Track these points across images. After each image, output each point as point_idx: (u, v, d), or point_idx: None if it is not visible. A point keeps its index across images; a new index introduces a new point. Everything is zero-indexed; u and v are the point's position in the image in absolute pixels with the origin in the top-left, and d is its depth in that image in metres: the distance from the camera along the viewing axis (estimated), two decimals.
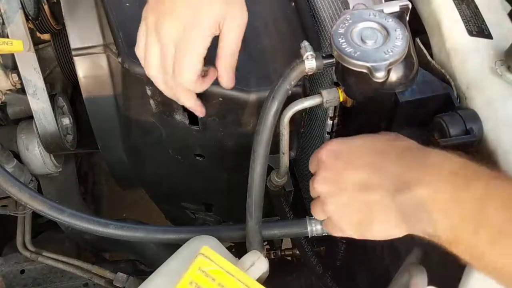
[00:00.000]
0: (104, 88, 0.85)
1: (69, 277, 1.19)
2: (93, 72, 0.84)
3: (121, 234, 0.76)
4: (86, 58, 0.83)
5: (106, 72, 0.84)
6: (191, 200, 1.11)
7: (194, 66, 0.65)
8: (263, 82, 0.75)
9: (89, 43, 0.83)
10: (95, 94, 0.86)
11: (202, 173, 0.95)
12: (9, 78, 0.86)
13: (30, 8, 0.84)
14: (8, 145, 0.95)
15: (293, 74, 0.66)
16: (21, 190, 0.76)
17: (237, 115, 0.78)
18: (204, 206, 1.11)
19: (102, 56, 0.83)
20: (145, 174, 1.03)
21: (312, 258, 0.98)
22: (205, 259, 0.58)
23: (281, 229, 0.76)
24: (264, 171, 0.70)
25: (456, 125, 0.66)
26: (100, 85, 0.85)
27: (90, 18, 0.83)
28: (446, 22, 0.74)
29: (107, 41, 0.82)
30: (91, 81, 0.84)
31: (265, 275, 0.65)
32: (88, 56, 0.83)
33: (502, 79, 0.68)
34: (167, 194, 1.11)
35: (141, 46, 0.68)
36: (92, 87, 0.85)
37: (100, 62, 0.83)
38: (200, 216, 1.16)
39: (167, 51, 0.65)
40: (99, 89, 0.85)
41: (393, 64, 0.61)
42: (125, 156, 0.96)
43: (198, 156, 0.90)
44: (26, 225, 1.17)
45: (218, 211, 1.11)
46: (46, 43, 0.97)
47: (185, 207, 1.14)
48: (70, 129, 0.96)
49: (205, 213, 1.14)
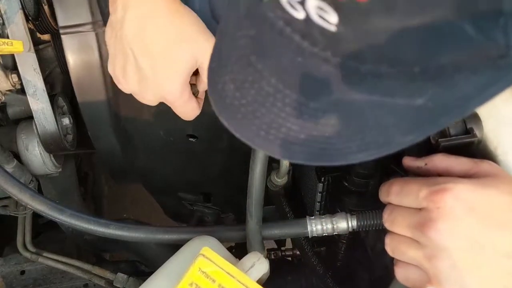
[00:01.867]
0: (93, 68, 0.82)
1: (69, 277, 1.19)
2: (82, 51, 0.81)
3: (121, 235, 0.76)
4: (74, 36, 0.80)
5: (95, 51, 0.81)
6: (188, 189, 1.10)
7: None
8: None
9: (77, 20, 0.79)
10: (84, 76, 0.82)
11: (197, 157, 0.94)
12: (9, 78, 0.86)
13: (30, 9, 0.84)
14: (8, 146, 0.95)
15: None
16: (22, 191, 0.76)
17: None
18: (201, 196, 1.10)
19: (91, 34, 0.80)
20: (139, 162, 1.00)
21: (313, 258, 0.98)
22: (205, 260, 0.58)
23: (281, 229, 0.76)
24: (264, 171, 0.70)
25: (456, 125, 0.66)
26: (88, 65, 0.82)
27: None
28: None
29: (96, 18, 0.79)
30: (79, 62, 0.82)
31: (266, 276, 0.65)
32: (76, 35, 0.80)
33: None
34: (162, 184, 1.10)
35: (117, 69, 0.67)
36: (80, 68, 0.82)
37: (89, 40, 0.80)
38: (199, 208, 1.14)
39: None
40: (87, 70, 0.82)
41: None
42: (117, 144, 0.94)
43: (191, 137, 0.88)
44: (26, 225, 1.17)
45: (217, 201, 1.10)
46: (46, 43, 0.97)
47: (182, 198, 1.12)
48: (70, 129, 0.95)
49: (204, 204, 1.12)
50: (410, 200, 0.56)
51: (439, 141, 0.66)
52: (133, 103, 0.82)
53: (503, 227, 0.51)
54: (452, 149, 0.66)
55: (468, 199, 0.52)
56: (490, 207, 0.52)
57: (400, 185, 0.58)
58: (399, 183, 0.58)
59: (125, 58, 0.63)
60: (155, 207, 1.29)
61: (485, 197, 0.53)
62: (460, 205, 0.52)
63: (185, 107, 0.68)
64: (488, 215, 0.52)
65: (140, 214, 1.61)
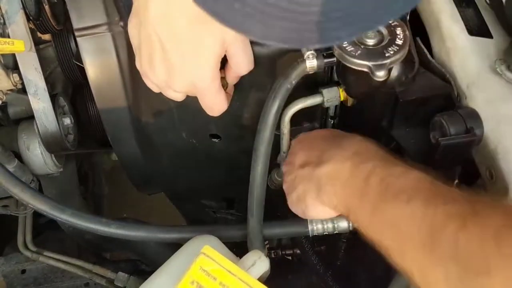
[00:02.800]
0: (111, 71, 0.79)
1: (70, 276, 1.20)
2: (99, 54, 0.78)
3: (122, 233, 0.76)
4: (90, 39, 0.77)
5: (112, 53, 0.78)
6: (211, 195, 1.08)
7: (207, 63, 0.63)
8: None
9: (92, 22, 0.77)
10: (102, 79, 0.80)
11: (220, 160, 0.92)
12: (10, 78, 0.86)
13: (31, 8, 0.84)
14: (9, 145, 0.95)
15: (294, 73, 0.66)
16: (23, 190, 0.76)
17: (253, 76, 0.73)
18: (225, 202, 1.09)
19: (108, 36, 0.77)
20: (161, 167, 0.97)
21: (313, 257, 0.98)
22: (206, 258, 0.58)
23: (282, 228, 0.76)
24: (266, 170, 0.70)
25: (456, 124, 0.66)
26: (106, 68, 0.79)
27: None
28: (446, 22, 0.74)
29: (111, 18, 0.77)
30: (97, 65, 0.79)
31: (266, 274, 0.65)
32: (92, 37, 0.77)
33: (502, 78, 0.68)
34: (186, 190, 1.07)
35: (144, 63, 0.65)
36: (99, 72, 0.79)
37: (105, 43, 0.78)
38: (222, 215, 1.13)
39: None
40: (106, 73, 0.80)
41: (393, 64, 0.62)
42: (138, 148, 0.90)
43: (214, 137, 0.86)
44: (27, 225, 1.17)
45: (240, 207, 1.08)
46: (47, 43, 0.97)
47: (206, 206, 1.11)
48: (71, 129, 0.95)
49: (227, 210, 1.11)
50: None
51: (439, 140, 0.66)
52: (154, 105, 0.82)
53: (312, 148, 0.70)
54: (452, 148, 0.66)
55: (300, 139, 0.76)
56: (309, 139, 0.75)
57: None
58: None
59: (151, 46, 0.61)
60: (155, 207, 1.29)
61: (309, 134, 0.77)
62: (294, 142, 0.76)
63: (215, 98, 0.66)
64: (304, 143, 0.74)
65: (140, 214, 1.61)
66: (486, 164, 0.67)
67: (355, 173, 0.62)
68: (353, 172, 0.63)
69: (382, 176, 0.60)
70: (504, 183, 0.64)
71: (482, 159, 0.68)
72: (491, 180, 0.66)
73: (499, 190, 0.65)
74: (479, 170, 0.69)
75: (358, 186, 0.62)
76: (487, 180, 0.67)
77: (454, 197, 0.53)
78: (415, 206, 0.54)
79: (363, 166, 0.62)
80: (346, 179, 0.63)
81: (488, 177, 0.66)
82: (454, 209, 0.51)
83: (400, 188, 0.57)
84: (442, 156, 0.67)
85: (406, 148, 0.72)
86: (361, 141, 0.68)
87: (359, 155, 0.64)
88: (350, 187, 0.63)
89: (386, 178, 0.59)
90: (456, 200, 0.53)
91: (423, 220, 0.53)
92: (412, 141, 0.73)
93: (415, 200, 0.55)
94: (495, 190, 0.66)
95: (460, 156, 0.68)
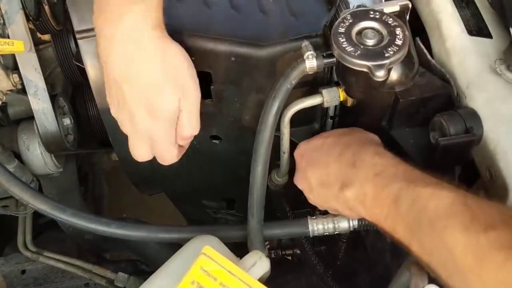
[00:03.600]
0: None
1: (70, 277, 1.20)
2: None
3: (122, 233, 0.76)
4: (91, 41, 0.76)
5: None
6: (212, 196, 1.08)
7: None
8: (276, 37, 0.72)
9: (92, 24, 0.73)
10: (103, 81, 0.75)
11: (221, 160, 0.93)
12: (10, 78, 0.86)
13: (30, 9, 0.84)
14: (9, 146, 0.95)
15: (294, 73, 0.66)
16: (23, 190, 0.77)
17: (253, 78, 0.74)
18: (225, 203, 1.09)
19: None
20: (162, 168, 0.96)
21: (313, 257, 0.98)
22: (207, 259, 0.58)
23: (282, 229, 0.76)
24: (266, 170, 0.70)
25: (456, 124, 0.66)
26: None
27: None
28: (446, 22, 0.74)
29: None
30: (98, 67, 0.78)
31: (267, 274, 0.65)
32: (93, 40, 0.75)
33: (501, 78, 0.68)
34: (186, 191, 1.07)
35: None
36: (100, 74, 0.78)
37: None
38: (222, 216, 1.13)
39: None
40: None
41: (393, 64, 0.62)
42: None
43: (215, 138, 0.87)
44: (27, 225, 1.17)
45: (241, 207, 1.09)
46: (47, 43, 0.97)
47: (206, 206, 1.11)
48: (71, 129, 0.96)
49: (227, 211, 1.11)
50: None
51: (439, 140, 0.66)
52: None
53: (320, 165, 0.70)
54: (452, 148, 0.66)
55: (300, 152, 0.75)
56: (310, 151, 0.73)
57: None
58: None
59: (116, 93, 0.66)
60: (155, 207, 1.29)
61: (309, 146, 0.74)
62: (297, 157, 0.75)
63: (167, 150, 0.70)
64: (309, 157, 0.73)
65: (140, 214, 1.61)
66: (486, 164, 0.67)
67: (381, 195, 0.61)
68: (379, 194, 0.61)
69: (410, 200, 0.58)
70: (503, 183, 0.64)
71: (482, 159, 0.68)
72: (490, 180, 0.66)
73: (498, 190, 0.65)
74: (479, 170, 0.69)
75: (387, 211, 0.60)
76: (486, 180, 0.67)
77: (493, 222, 0.52)
78: (453, 236, 0.53)
79: (388, 190, 0.60)
80: (373, 200, 0.62)
81: (488, 177, 0.66)
82: (495, 236, 0.50)
83: (434, 214, 0.55)
84: (441, 156, 0.67)
85: (406, 148, 0.72)
86: (373, 154, 0.66)
87: (378, 175, 0.63)
88: (379, 207, 0.61)
89: (416, 203, 0.57)
90: (495, 226, 0.51)
91: (465, 249, 0.51)
92: (412, 141, 0.73)
93: (452, 228, 0.53)
94: (494, 190, 0.66)
95: (459, 156, 0.68)
